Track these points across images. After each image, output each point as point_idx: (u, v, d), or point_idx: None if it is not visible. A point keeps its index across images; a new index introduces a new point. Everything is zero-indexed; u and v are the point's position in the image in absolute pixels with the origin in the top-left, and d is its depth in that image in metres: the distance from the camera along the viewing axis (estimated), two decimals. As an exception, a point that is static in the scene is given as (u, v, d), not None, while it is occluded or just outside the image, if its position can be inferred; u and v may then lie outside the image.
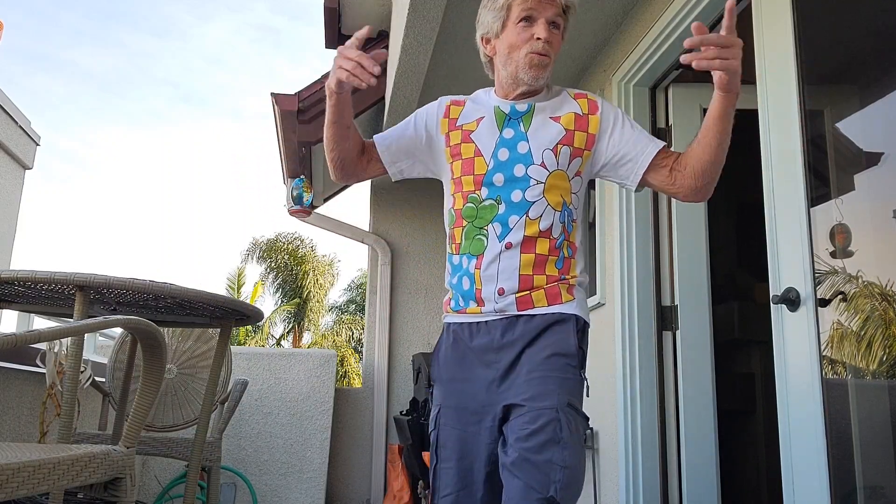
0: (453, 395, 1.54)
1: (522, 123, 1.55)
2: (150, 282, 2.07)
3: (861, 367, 1.92)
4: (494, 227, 1.50)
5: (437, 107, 1.64)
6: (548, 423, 1.39)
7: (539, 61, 1.51)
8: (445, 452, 1.52)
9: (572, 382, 1.46)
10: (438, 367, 1.59)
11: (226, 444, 4.15)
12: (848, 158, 2.05)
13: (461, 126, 1.58)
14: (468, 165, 1.54)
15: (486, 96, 1.63)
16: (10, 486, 1.12)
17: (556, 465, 1.37)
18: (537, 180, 1.50)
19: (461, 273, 1.54)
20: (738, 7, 2.50)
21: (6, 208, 4.95)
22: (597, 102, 1.58)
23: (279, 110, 3.97)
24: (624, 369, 2.94)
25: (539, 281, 1.50)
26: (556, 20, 1.52)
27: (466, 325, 1.55)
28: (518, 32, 1.51)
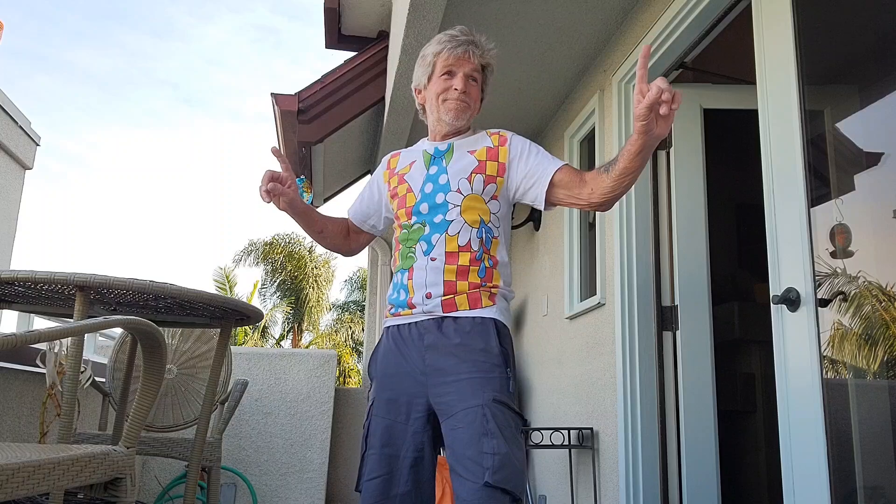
0: (386, 388, 1.71)
1: (444, 159, 1.81)
2: (150, 282, 2.07)
3: (862, 367, 1.92)
4: (421, 245, 1.74)
5: (381, 166, 1.96)
6: (475, 420, 1.55)
7: (456, 105, 1.78)
8: (373, 440, 1.67)
9: (497, 380, 1.62)
10: (376, 364, 1.78)
11: (226, 445, 4.15)
12: (848, 158, 2.05)
13: (398, 172, 1.87)
14: (402, 201, 1.81)
15: (419, 145, 1.91)
16: (10, 486, 1.12)
17: (486, 454, 1.52)
18: (454, 204, 1.73)
19: (398, 286, 1.77)
20: (739, 7, 2.51)
21: (6, 208, 4.95)
22: (507, 137, 1.82)
23: (279, 111, 3.97)
24: (624, 369, 2.94)
25: (462, 286, 1.69)
26: (473, 74, 1.80)
27: (401, 325, 1.74)
28: (440, 83, 1.80)
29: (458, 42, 1.78)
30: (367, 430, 1.71)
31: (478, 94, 1.83)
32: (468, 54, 1.78)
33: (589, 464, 3.23)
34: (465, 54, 1.77)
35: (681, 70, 3.03)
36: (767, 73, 2.17)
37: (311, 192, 4.64)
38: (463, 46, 1.77)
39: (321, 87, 4.00)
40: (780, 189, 2.08)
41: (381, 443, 1.66)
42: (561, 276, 3.80)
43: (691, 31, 2.70)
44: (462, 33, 1.80)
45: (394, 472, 1.63)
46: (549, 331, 3.95)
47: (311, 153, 4.41)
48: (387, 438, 1.66)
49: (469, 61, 1.78)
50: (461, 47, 1.77)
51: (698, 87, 3.12)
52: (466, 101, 1.79)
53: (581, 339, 3.48)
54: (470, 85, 1.79)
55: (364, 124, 4.53)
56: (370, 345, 5.14)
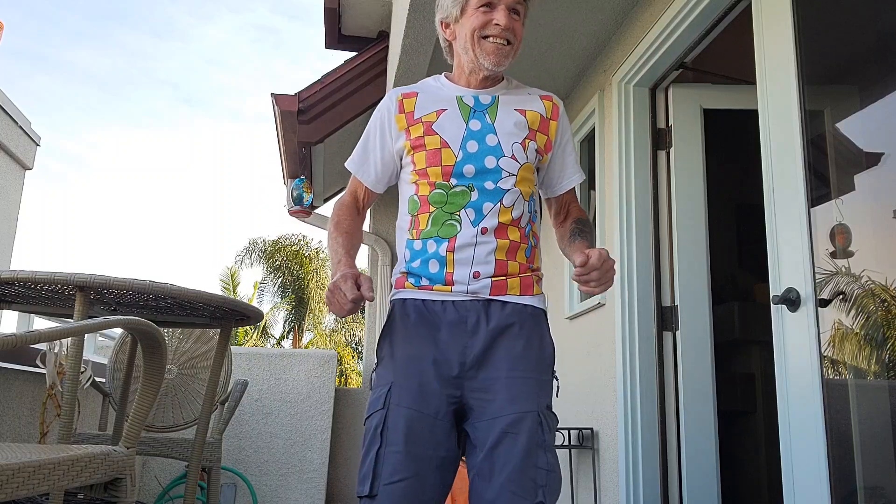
0: (411, 373, 1.43)
1: (488, 115, 1.54)
2: (150, 282, 2.07)
3: (863, 367, 1.92)
4: (468, 212, 1.48)
5: (390, 105, 1.60)
6: (531, 428, 1.37)
7: (498, 49, 1.51)
8: (393, 435, 1.38)
9: (548, 385, 1.47)
10: (392, 343, 1.49)
11: (226, 445, 4.15)
12: (848, 158, 2.05)
13: (420, 118, 1.54)
14: (434, 156, 1.50)
15: (440, 84, 1.61)
16: (10, 486, 1.12)
17: (542, 470, 1.35)
18: (509, 172, 1.50)
19: (427, 257, 1.49)
20: (739, 7, 2.51)
21: (6, 208, 4.95)
22: (559, 109, 1.62)
23: (279, 111, 3.97)
24: (624, 370, 2.94)
25: (513, 267, 1.49)
26: (517, 7, 1.52)
27: (430, 301, 1.48)
28: (477, 17, 1.51)
29: None
30: (382, 421, 1.39)
31: (521, 31, 1.54)
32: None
33: (589, 464, 3.23)
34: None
35: (681, 70, 3.03)
36: (767, 73, 2.17)
37: (311, 192, 4.64)
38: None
39: (321, 88, 4.01)
40: (780, 189, 2.08)
41: (405, 438, 1.37)
42: (561, 276, 3.80)
43: (691, 31, 2.70)
44: None
45: (421, 473, 1.36)
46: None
47: (311, 153, 4.41)
48: (412, 433, 1.37)
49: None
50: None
51: (698, 87, 3.12)
52: (511, 39, 1.52)
53: (581, 339, 3.48)
54: (513, 19, 1.51)
55: (364, 124, 4.51)
56: (370, 345, 5.14)
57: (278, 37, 58.22)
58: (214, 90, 58.99)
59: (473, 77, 1.58)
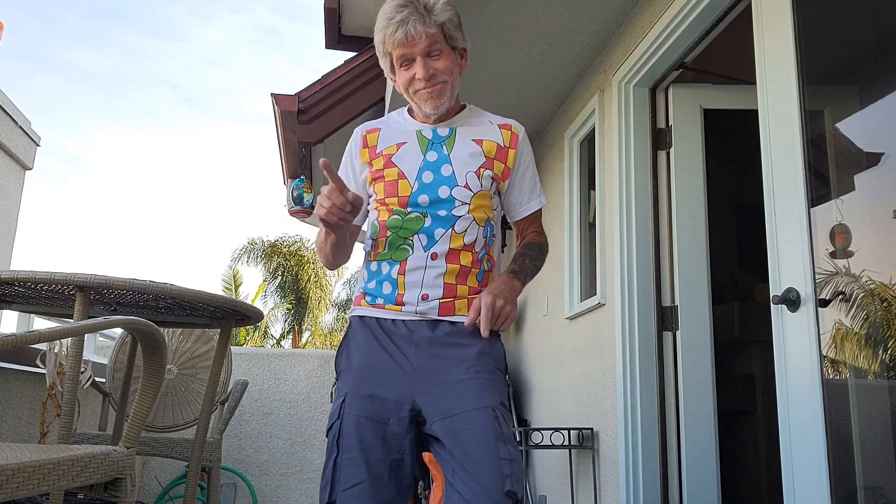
0: (366, 383, 1.52)
1: (445, 146, 1.62)
2: (150, 282, 2.07)
3: (862, 367, 1.92)
4: (420, 237, 1.56)
5: (354, 142, 1.69)
6: (487, 422, 1.44)
7: (428, 94, 1.57)
8: (348, 442, 1.46)
9: (502, 384, 1.54)
10: (349, 356, 1.58)
11: (226, 445, 4.15)
12: (848, 158, 2.05)
13: (381, 152, 1.63)
14: (391, 187, 1.59)
15: (402, 119, 1.70)
16: (10, 486, 1.12)
17: (504, 460, 1.41)
18: (462, 200, 1.58)
19: (381, 278, 1.59)
20: (739, 7, 2.51)
21: (6, 208, 4.95)
22: (518, 137, 1.68)
23: (279, 111, 3.97)
24: (624, 370, 2.94)
25: (462, 291, 1.57)
26: (433, 48, 1.55)
27: (383, 319, 1.57)
28: (402, 74, 1.59)
29: (395, 25, 1.51)
30: (338, 430, 1.48)
31: (450, 64, 1.57)
32: (411, 34, 1.51)
33: (589, 464, 3.23)
34: (408, 35, 1.51)
35: (681, 70, 3.03)
36: (767, 73, 2.17)
37: (311, 192, 4.64)
38: (402, 28, 1.50)
39: (321, 88, 4.00)
40: (780, 189, 2.08)
41: (358, 444, 1.45)
42: (561, 276, 3.79)
43: (691, 31, 2.70)
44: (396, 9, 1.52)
45: (375, 477, 1.43)
46: (549, 331, 3.95)
47: (312, 153, 4.41)
48: (365, 440, 1.46)
49: (415, 41, 1.52)
50: (400, 30, 1.50)
51: (698, 87, 3.12)
52: (438, 83, 1.56)
53: (581, 339, 3.48)
54: (433, 62, 1.54)
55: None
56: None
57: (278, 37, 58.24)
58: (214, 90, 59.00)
59: (427, 119, 1.65)
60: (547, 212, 3.92)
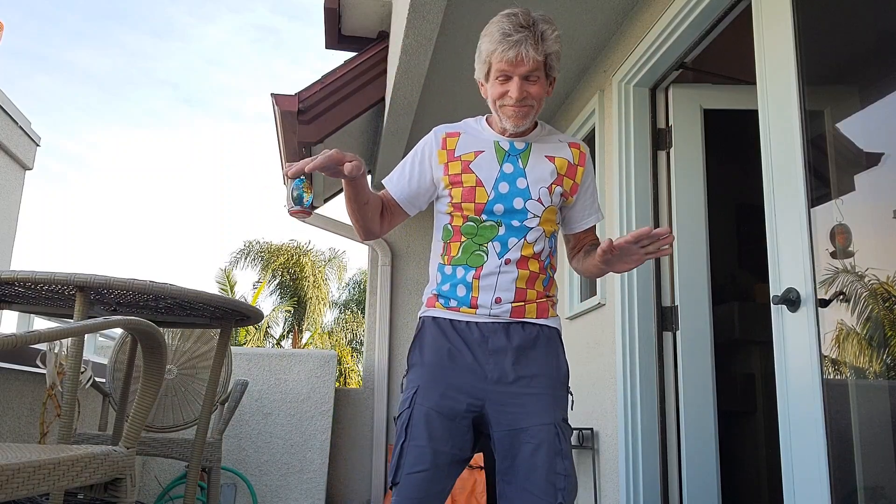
0: (438, 379, 1.61)
1: (521, 160, 1.69)
2: (150, 282, 2.07)
3: (862, 367, 1.92)
4: (494, 245, 1.64)
5: (433, 140, 1.75)
6: (549, 438, 1.55)
7: (514, 113, 1.64)
8: (417, 431, 1.57)
9: (563, 399, 1.64)
10: (421, 351, 1.67)
11: (226, 445, 4.15)
12: (848, 158, 2.05)
13: (460, 157, 1.70)
14: (469, 193, 1.66)
15: (480, 127, 1.75)
16: (11, 486, 1.12)
17: (560, 475, 1.53)
18: (534, 213, 1.66)
19: (456, 281, 1.66)
20: (739, 7, 2.51)
21: (6, 209, 4.95)
22: (585, 156, 1.76)
23: (279, 111, 3.97)
24: (624, 369, 2.94)
25: (531, 295, 1.66)
26: (532, 75, 1.61)
27: (456, 321, 1.65)
28: (496, 87, 1.64)
29: (510, 43, 1.57)
30: (408, 418, 1.59)
31: (541, 91, 1.65)
32: (521, 56, 1.57)
33: (589, 464, 3.23)
34: (519, 57, 1.57)
35: (681, 70, 3.03)
36: (767, 73, 2.17)
37: (311, 192, 4.63)
38: (515, 49, 1.56)
39: (321, 88, 4.00)
40: (780, 189, 2.08)
41: (426, 435, 1.56)
42: (561, 277, 3.80)
43: (691, 31, 2.70)
44: (516, 28, 1.58)
45: (437, 468, 1.55)
46: (550, 331, 3.95)
47: (311, 153, 4.41)
48: (432, 431, 1.56)
49: (523, 63, 1.58)
50: (513, 50, 1.57)
51: (698, 87, 3.12)
52: (526, 105, 1.63)
53: (581, 339, 3.48)
54: (529, 86, 1.61)
55: (364, 124, 4.53)
56: (370, 345, 5.14)
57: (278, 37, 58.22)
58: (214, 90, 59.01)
59: (504, 132, 1.72)
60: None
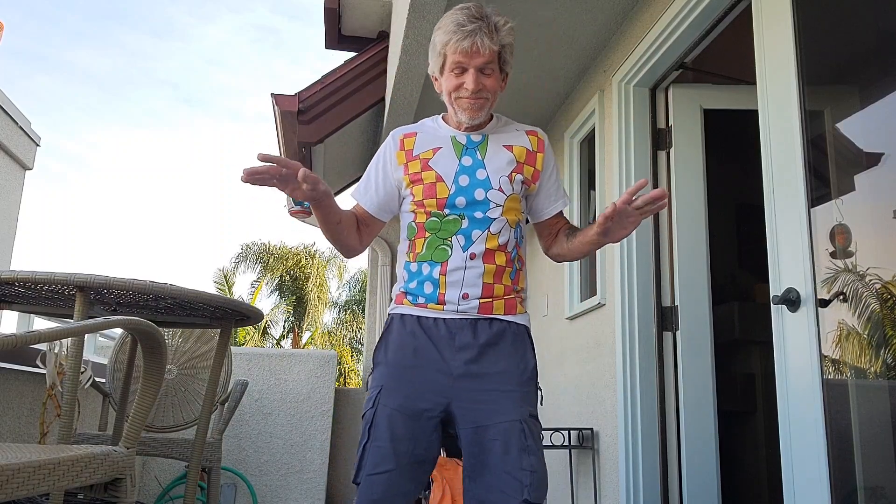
0: (402, 379, 1.61)
1: (479, 152, 1.70)
2: (150, 282, 2.07)
3: (863, 367, 1.91)
4: (458, 238, 1.64)
5: (391, 143, 1.77)
6: (514, 435, 1.54)
7: (470, 105, 1.65)
8: (379, 431, 1.56)
9: (531, 395, 1.63)
10: (386, 350, 1.66)
11: (226, 445, 4.15)
12: (848, 159, 2.05)
13: (418, 156, 1.71)
14: (430, 189, 1.67)
15: (437, 125, 1.77)
16: (10, 486, 1.12)
17: (526, 471, 1.52)
18: (496, 203, 1.66)
19: (422, 278, 1.66)
20: (739, 7, 2.51)
21: (6, 209, 4.95)
22: (543, 142, 1.77)
23: (279, 111, 3.97)
24: (624, 370, 2.94)
25: (498, 290, 1.65)
26: (487, 67, 1.63)
27: (423, 318, 1.65)
28: (451, 80, 1.65)
29: (465, 33, 1.58)
30: (371, 419, 1.58)
31: (496, 83, 1.67)
32: (476, 46, 1.59)
33: (589, 464, 3.23)
34: (474, 47, 1.58)
35: (681, 70, 3.03)
36: (767, 73, 2.17)
37: (311, 192, 4.63)
38: (470, 38, 1.58)
39: (321, 88, 4.00)
40: (780, 189, 2.08)
41: (389, 435, 1.55)
42: (561, 277, 3.79)
43: (691, 31, 2.70)
44: (470, 18, 1.60)
45: (400, 468, 1.53)
46: (550, 331, 3.95)
47: (311, 153, 4.41)
48: (395, 431, 1.55)
49: (479, 54, 1.60)
50: (468, 40, 1.58)
51: (698, 87, 3.12)
52: (482, 97, 1.64)
53: (581, 339, 3.48)
54: (484, 78, 1.63)
55: (364, 124, 4.53)
56: (370, 345, 5.14)
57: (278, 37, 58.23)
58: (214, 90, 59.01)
59: (460, 126, 1.73)
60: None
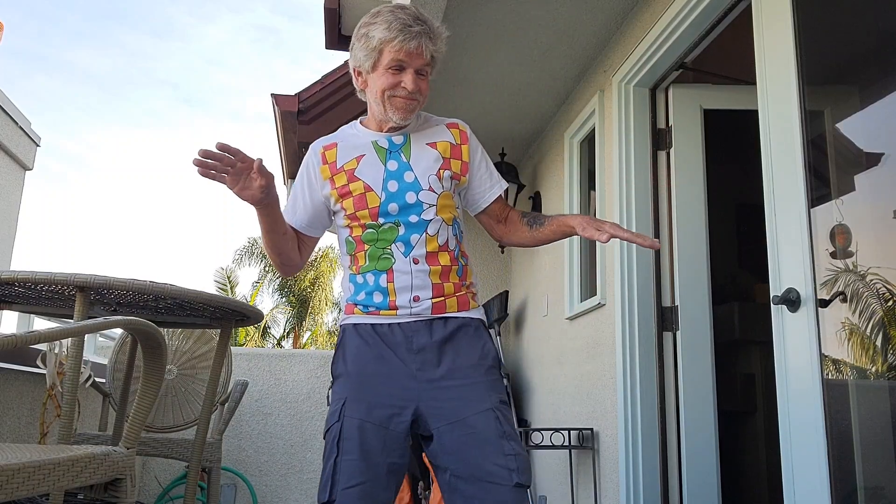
0: (364, 389, 1.57)
1: (403, 154, 1.67)
2: (150, 282, 2.07)
3: (863, 367, 1.91)
4: (398, 245, 1.62)
5: (312, 158, 1.72)
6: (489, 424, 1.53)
7: (405, 105, 1.61)
8: (349, 444, 1.51)
9: (498, 382, 1.62)
10: (345, 362, 1.63)
11: (226, 445, 4.15)
12: (848, 159, 2.05)
13: (342, 168, 1.67)
14: (360, 201, 1.63)
15: (356, 132, 1.72)
16: (10, 486, 1.12)
17: (510, 456, 1.50)
18: (429, 203, 1.63)
19: (370, 289, 1.63)
20: (739, 7, 2.51)
21: (6, 209, 4.95)
22: (466, 134, 1.74)
23: (279, 111, 3.97)
24: (624, 370, 2.94)
25: (448, 289, 1.63)
26: (422, 70, 1.61)
27: (377, 325, 1.62)
28: (387, 77, 1.60)
29: (412, 34, 1.55)
30: (338, 432, 1.53)
31: (427, 88, 1.64)
32: (421, 48, 1.57)
33: (589, 464, 3.23)
34: (419, 48, 1.56)
35: (681, 70, 3.03)
36: (767, 73, 2.17)
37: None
38: (417, 40, 1.56)
39: (321, 88, 4.00)
40: (780, 189, 2.08)
41: (359, 447, 1.51)
42: (561, 277, 3.79)
43: (691, 31, 2.70)
44: (415, 20, 1.58)
45: (375, 478, 1.50)
46: (550, 331, 3.95)
47: (311, 153, 4.40)
48: (365, 442, 1.51)
49: (421, 56, 1.58)
50: (415, 41, 1.56)
51: (698, 87, 3.12)
52: (416, 99, 1.61)
53: (581, 339, 3.48)
54: (420, 80, 1.61)
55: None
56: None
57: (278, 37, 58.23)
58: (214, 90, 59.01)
59: (385, 125, 1.68)
60: (547, 211, 3.92)
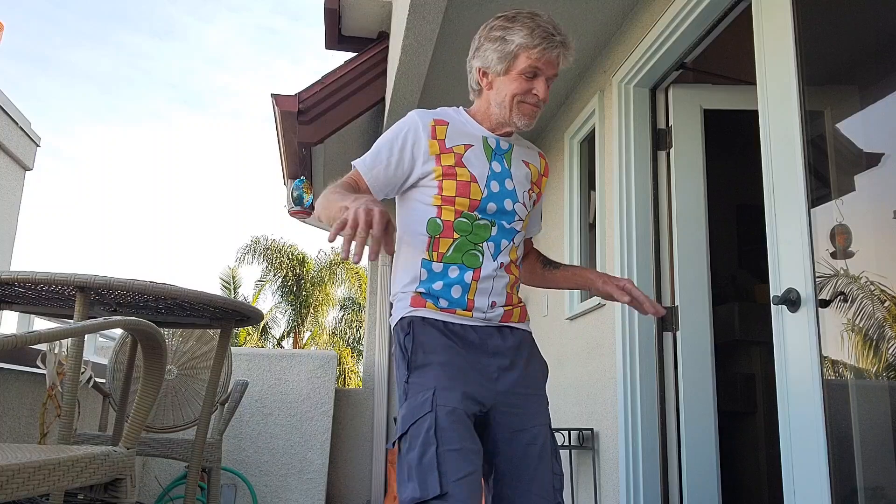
0: (455, 379, 1.49)
1: (506, 160, 1.66)
2: (150, 283, 2.07)
3: (863, 367, 1.91)
4: (489, 245, 1.60)
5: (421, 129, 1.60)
6: (547, 440, 1.57)
7: (533, 112, 1.62)
8: (449, 434, 1.42)
9: (547, 399, 1.66)
10: (426, 353, 1.53)
11: (226, 446, 4.15)
12: (848, 159, 2.05)
13: (451, 149, 1.60)
14: (464, 188, 1.57)
15: (464, 119, 1.66)
16: (10, 487, 1.12)
17: (557, 476, 1.56)
18: (520, 216, 1.65)
19: (450, 281, 1.57)
20: (739, 7, 2.51)
21: (6, 209, 4.95)
22: (548, 167, 1.80)
23: (279, 111, 3.97)
24: (624, 370, 2.94)
25: (515, 300, 1.67)
26: (551, 80, 1.62)
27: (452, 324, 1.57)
28: (520, 83, 1.58)
29: (554, 43, 1.56)
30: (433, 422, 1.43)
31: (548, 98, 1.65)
32: (559, 58, 1.58)
33: (589, 464, 3.23)
34: (559, 58, 1.58)
35: (681, 70, 3.03)
36: (767, 74, 2.17)
37: (311, 193, 4.64)
38: (558, 49, 1.57)
39: (321, 88, 4.00)
40: (780, 189, 2.08)
41: (458, 437, 1.43)
42: (561, 277, 3.79)
43: (691, 32, 2.70)
44: (556, 30, 1.58)
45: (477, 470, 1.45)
46: (550, 331, 3.95)
47: (311, 154, 4.41)
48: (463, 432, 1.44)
49: (556, 66, 1.59)
50: (556, 50, 1.56)
51: (698, 87, 3.12)
52: (542, 106, 1.62)
53: (581, 339, 3.48)
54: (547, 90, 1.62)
55: (364, 125, 4.53)
56: (370, 345, 5.14)
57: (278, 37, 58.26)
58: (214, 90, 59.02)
59: (499, 128, 1.66)
60: (547, 212, 3.92)
